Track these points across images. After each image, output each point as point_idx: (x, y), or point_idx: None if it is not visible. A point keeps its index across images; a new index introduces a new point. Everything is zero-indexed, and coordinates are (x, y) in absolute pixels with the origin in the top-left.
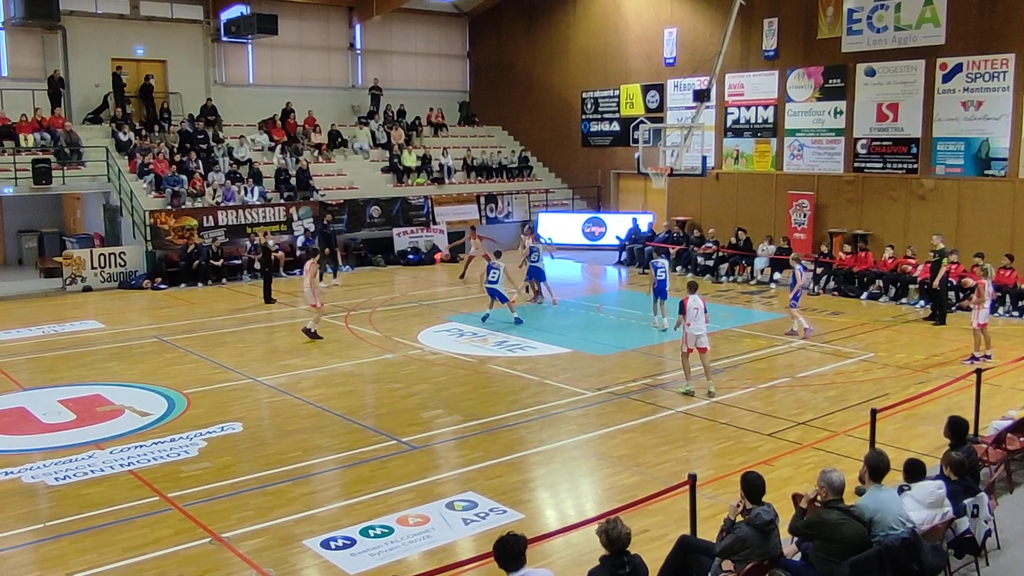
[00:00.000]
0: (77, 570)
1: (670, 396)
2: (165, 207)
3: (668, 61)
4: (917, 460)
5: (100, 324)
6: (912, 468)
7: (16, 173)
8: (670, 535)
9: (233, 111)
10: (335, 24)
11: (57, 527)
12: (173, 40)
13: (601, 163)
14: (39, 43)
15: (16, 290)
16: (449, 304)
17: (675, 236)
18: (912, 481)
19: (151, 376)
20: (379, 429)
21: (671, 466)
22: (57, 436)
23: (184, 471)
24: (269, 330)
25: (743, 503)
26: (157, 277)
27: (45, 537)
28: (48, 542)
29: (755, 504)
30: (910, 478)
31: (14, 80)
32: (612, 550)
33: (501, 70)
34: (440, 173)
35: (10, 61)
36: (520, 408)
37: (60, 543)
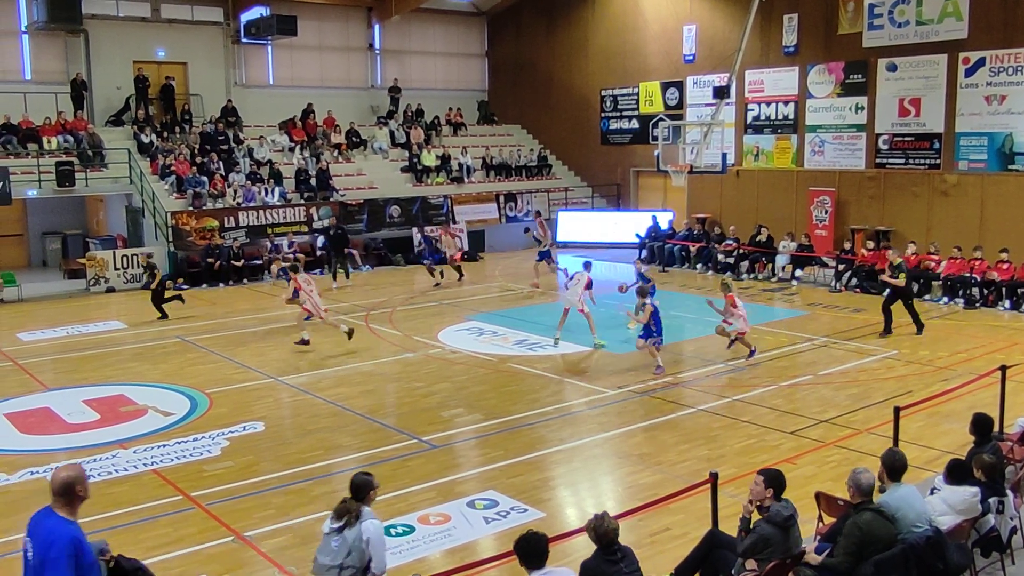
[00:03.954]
0: None
1: (691, 394)
2: (186, 208)
3: (687, 58)
4: (962, 462)
5: (123, 324)
6: (955, 470)
7: (40, 176)
8: (691, 533)
9: (253, 112)
10: (354, 24)
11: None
12: (194, 42)
13: (620, 161)
14: (62, 47)
15: (40, 291)
16: (469, 303)
17: (695, 234)
18: (954, 483)
19: (174, 376)
20: (400, 428)
21: (692, 464)
22: (81, 436)
23: (207, 470)
24: (289, 330)
25: (765, 498)
26: (179, 278)
27: None
28: None
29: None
30: (953, 480)
31: (38, 84)
32: (602, 544)
33: (520, 69)
34: (459, 172)
35: (34, 65)
36: (540, 407)
37: None
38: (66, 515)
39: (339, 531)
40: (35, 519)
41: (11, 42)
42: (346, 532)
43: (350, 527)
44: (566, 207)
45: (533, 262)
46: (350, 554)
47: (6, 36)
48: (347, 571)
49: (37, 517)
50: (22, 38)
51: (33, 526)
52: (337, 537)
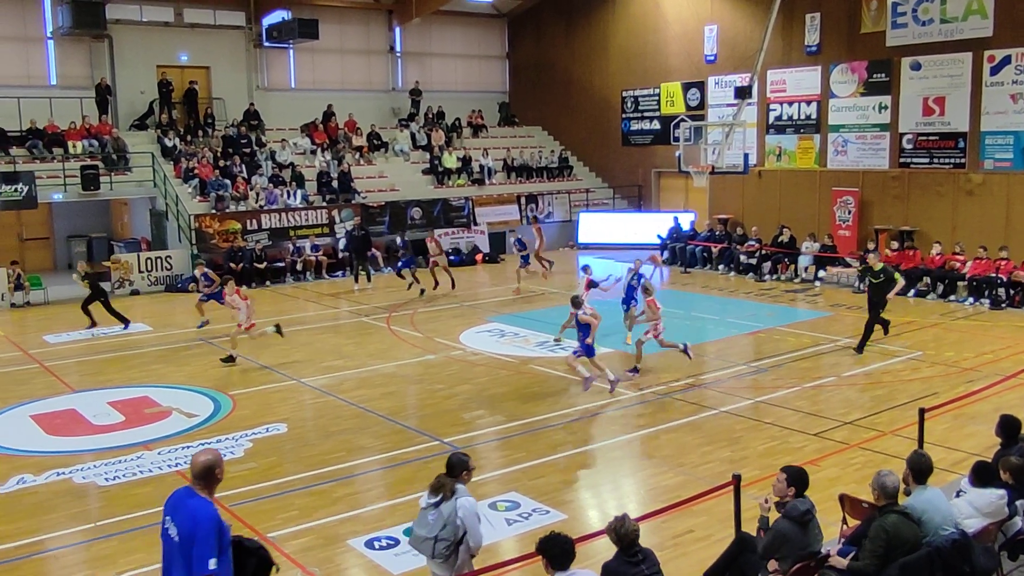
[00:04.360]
0: (126, 569)
1: (714, 396)
2: (209, 211)
3: (709, 58)
4: (988, 464)
5: (148, 327)
6: (982, 472)
7: (65, 180)
8: (714, 535)
9: (275, 115)
10: (375, 27)
11: (107, 527)
12: (216, 46)
13: (642, 162)
14: (87, 52)
15: (66, 294)
16: (490, 305)
17: (717, 234)
18: (980, 486)
19: (197, 378)
20: (422, 430)
21: (715, 466)
22: (107, 437)
23: (230, 471)
24: (312, 332)
25: (786, 496)
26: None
27: (96, 536)
28: (99, 541)
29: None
30: (979, 483)
31: (63, 88)
32: (622, 546)
33: (540, 70)
34: (480, 174)
35: (59, 70)
36: (562, 408)
37: (110, 542)
38: (206, 496)
39: (435, 506)
40: (174, 499)
41: (37, 48)
42: (442, 507)
43: (446, 502)
44: (587, 208)
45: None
46: (445, 527)
47: (32, 42)
48: (441, 543)
49: (177, 497)
50: (48, 44)
51: (173, 505)
52: (433, 511)
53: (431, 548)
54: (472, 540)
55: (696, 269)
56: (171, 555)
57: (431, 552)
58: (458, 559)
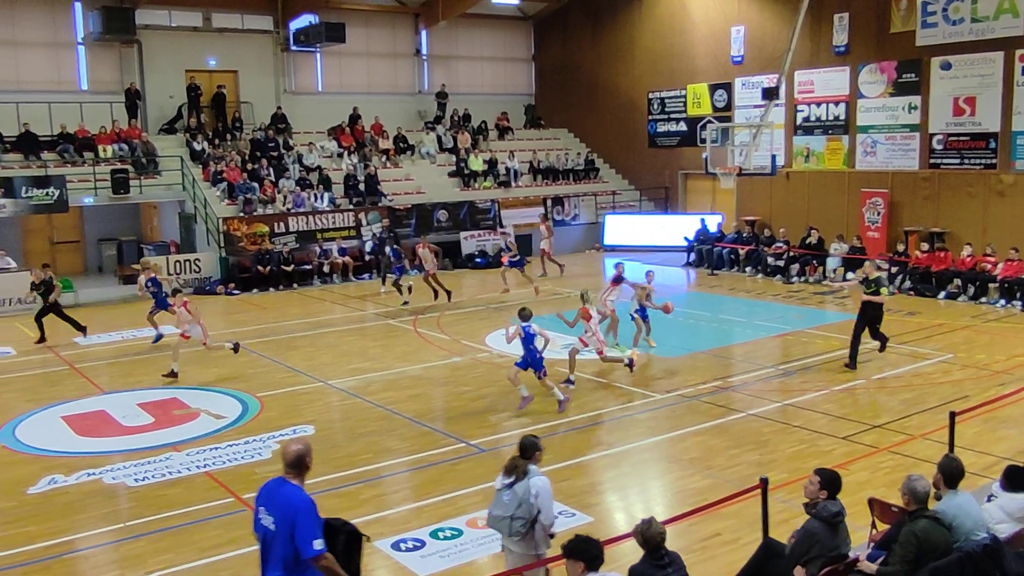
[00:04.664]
0: (156, 569)
1: (742, 399)
2: (237, 214)
3: (736, 59)
4: (1020, 468)
5: (176, 329)
6: (1013, 477)
7: (96, 183)
8: (742, 539)
9: (302, 119)
10: (401, 31)
11: (137, 527)
12: (244, 51)
13: (668, 164)
14: (116, 57)
15: (96, 297)
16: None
17: (744, 236)
18: (1012, 490)
19: (225, 380)
20: (448, 432)
21: (743, 469)
22: (136, 439)
23: (258, 473)
24: (339, 334)
25: (818, 499)
26: (230, 283)
27: (125, 537)
28: (128, 541)
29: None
30: (1010, 487)
31: (93, 93)
32: (649, 549)
33: (566, 72)
34: (506, 176)
35: (89, 75)
36: (589, 411)
37: (139, 542)
38: (297, 483)
39: (510, 486)
40: (268, 489)
41: (68, 53)
42: (516, 487)
43: (519, 482)
44: (613, 210)
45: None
46: (520, 506)
47: (63, 47)
48: (518, 521)
49: (269, 487)
50: (78, 49)
51: (267, 495)
52: (508, 492)
53: (508, 526)
54: (544, 519)
55: (723, 271)
56: (269, 544)
57: (508, 530)
58: (535, 536)
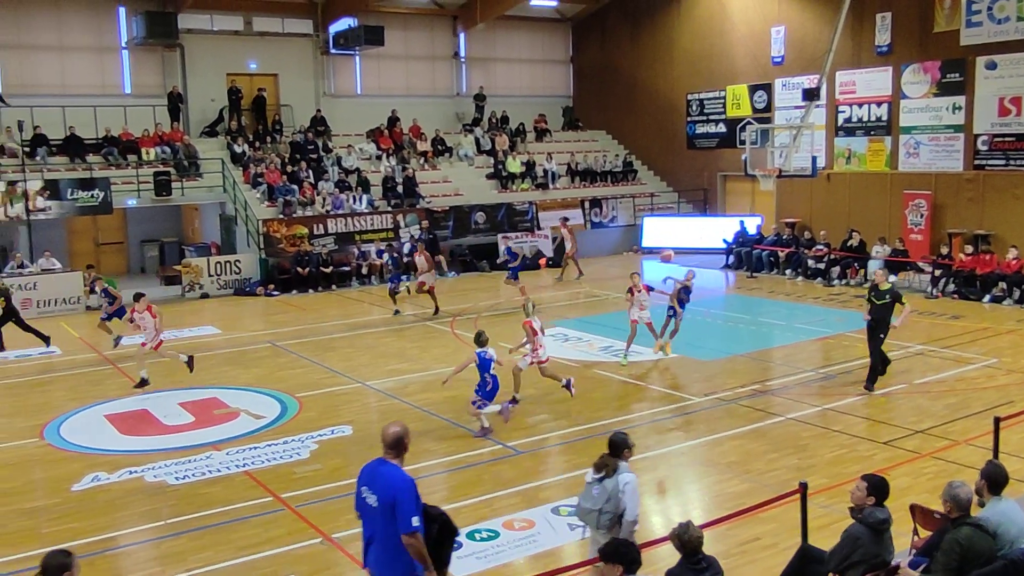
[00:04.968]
0: (196, 566)
1: (781, 402)
2: (277, 216)
3: (776, 60)
4: None
5: (217, 330)
6: None
7: (139, 185)
8: (781, 544)
9: (341, 121)
10: (439, 33)
11: (177, 524)
12: (284, 54)
13: (707, 165)
14: (159, 61)
15: None
16: (554, 309)
17: (784, 239)
18: None
19: (265, 380)
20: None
21: (782, 474)
22: (177, 437)
23: (296, 472)
24: (377, 336)
25: (865, 505)
26: (270, 284)
27: (166, 534)
28: (169, 539)
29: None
30: None
31: (136, 97)
32: (686, 552)
33: (605, 74)
34: (544, 178)
35: (133, 79)
36: (626, 413)
37: (180, 540)
38: (397, 463)
39: (600, 481)
40: (368, 470)
41: (112, 58)
42: (605, 482)
43: (609, 478)
44: (652, 212)
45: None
46: (608, 500)
47: (108, 52)
48: (605, 515)
49: (370, 468)
50: (122, 54)
51: (368, 475)
52: (598, 486)
53: (596, 519)
54: (629, 515)
55: (763, 274)
56: (372, 521)
57: (596, 523)
58: (620, 530)
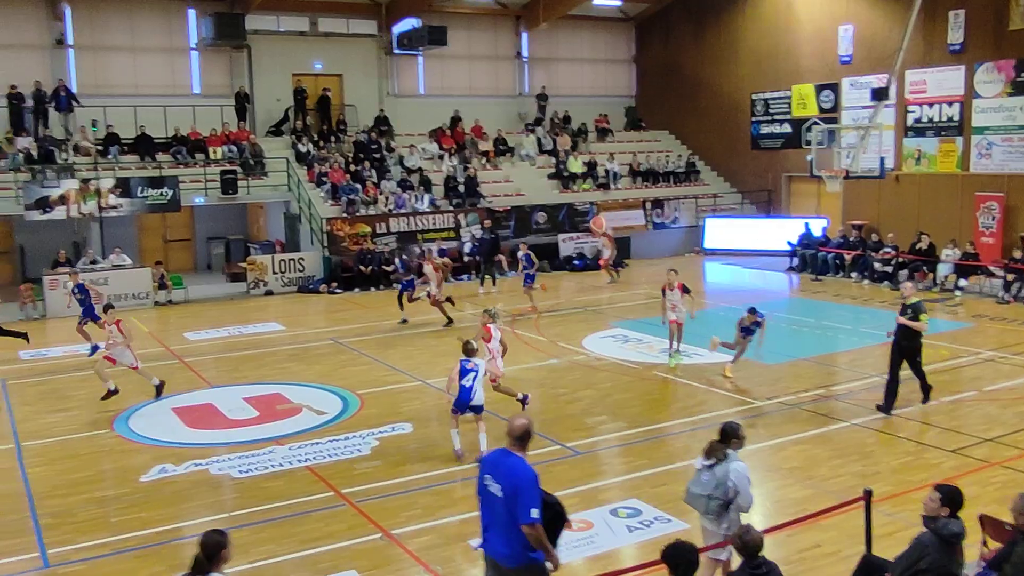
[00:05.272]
0: (258, 559)
1: (845, 407)
2: (340, 214)
3: (844, 59)
4: None
5: (281, 327)
6: None
7: (206, 184)
8: (843, 552)
9: (404, 121)
10: (502, 33)
11: (240, 517)
12: (349, 54)
13: (772, 166)
14: (227, 62)
15: (205, 293)
16: (614, 310)
17: (851, 241)
18: None
19: (327, 377)
20: (544, 434)
21: (846, 480)
22: (241, 432)
23: (357, 468)
24: (437, 334)
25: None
26: (333, 282)
27: (230, 526)
28: (232, 531)
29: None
30: None
31: (205, 97)
32: (746, 555)
33: (668, 74)
34: (606, 179)
35: (202, 79)
36: (686, 416)
37: (243, 532)
38: (521, 454)
39: (709, 468)
40: (492, 459)
41: (182, 59)
42: (715, 468)
43: (718, 465)
44: (714, 213)
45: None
46: (718, 487)
47: (178, 53)
48: (714, 502)
49: (494, 457)
50: (192, 54)
51: (492, 465)
52: (707, 473)
53: (704, 505)
54: (743, 501)
55: (828, 277)
56: (493, 508)
57: (704, 508)
58: (728, 517)
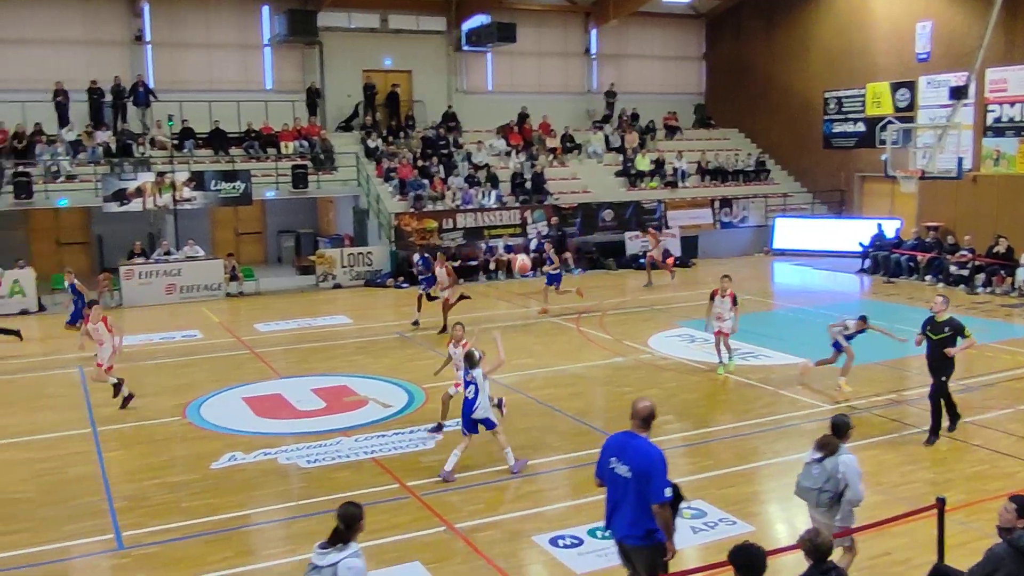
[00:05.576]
0: None
1: (917, 413)
2: (408, 210)
3: (921, 56)
4: None
5: (348, 320)
6: None
7: (277, 178)
8: (913, 560)
9: (472, 117)
10: (572, 30)
11: (307, 506)
12: (418, 51)
13: (844, 165)
14: (299, 58)
15: (275, 286)
16: (680, 309)
17: (925, 243)
18: None
19: (394, 370)
20: (608, 431)
21: (917, 487)
22: (309, 422)
23: (422, 462)
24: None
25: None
26: (399, 276)
27: (297, 515)
28: (299, 520)
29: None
30: None
31: (277, 92)
32: (816, 558)
33: (738, 71)
34: (673, 177)
35: (275, 75)
36: (753, 418)
37: (310, 521)
38: (645, 436)
39: (819, 461)
40: (617, 442)
41: (255, 55)
42: (826, 462)
43: (829, 458)
44: (784, 213)
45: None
46: (828, 480)
47: (251, 49)
48: (825, 495)
49: (619, 440)
50: (265, 51)
51: (619, 447)
52: (818, 466)
53: (815, 498)
54: (853, 495)
55: (901, 279)
56: (621, 490)
57: (815, 501)
58: (840, 509)
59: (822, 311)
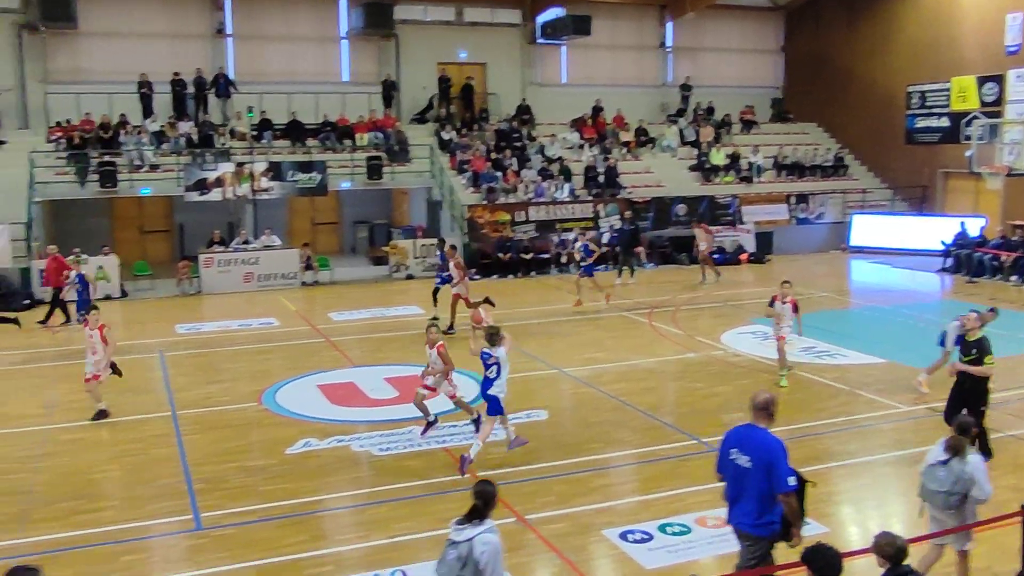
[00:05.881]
0: (397, 534)
1: (1000, 417)
2: (481, 202)
3: (1010, 49)
4: None
5: (420, 310)
6: None
7: (353, 169)
8: (994, 568)
9: (546, 110)
10: (647, 23)
11: (380, 493)
12: (493, 43)
13: (927, 161)
14: (375, 50)
15: (350, 275)
16: (753, 306)
17: (1011, 242)
18: None
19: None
20: (679, 427)
21: (998, 494)
22: (381, 411)
23: (492, 453)
24: (574, 324)
25: None
26: (472, 268)
27: (370, 501)
28: (372, 506)
29: None
30: None
31: (354, 84)
32: (894, 562)
33: (817, 64)
34: (748, 172)
35: (351, 67)
36: (827, 417)
37: (382, 508)
38: (765, 427)
39: (944, 463)
40: (737, 434)
41: (332, 47)
42: (952, 463)
43: (955, 460)
44: (862, 210)
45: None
46: (956, 482)
47: (329, 42)
48: (953, 497)
49: (739, 432)
50: (341, 44)
51: (740, 440)
52: (943, 469)
53: (944, 500)
54: (981, 494)
55: (984, 279)
56: (742, 481)
57: (943, 504)
58: (968, 508)
59: (903, 310)
